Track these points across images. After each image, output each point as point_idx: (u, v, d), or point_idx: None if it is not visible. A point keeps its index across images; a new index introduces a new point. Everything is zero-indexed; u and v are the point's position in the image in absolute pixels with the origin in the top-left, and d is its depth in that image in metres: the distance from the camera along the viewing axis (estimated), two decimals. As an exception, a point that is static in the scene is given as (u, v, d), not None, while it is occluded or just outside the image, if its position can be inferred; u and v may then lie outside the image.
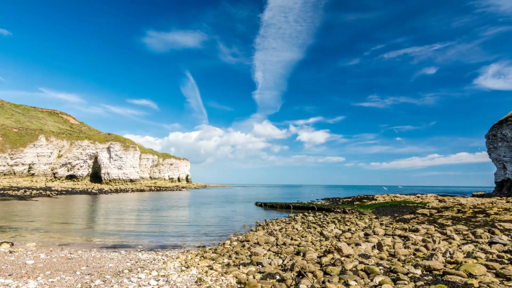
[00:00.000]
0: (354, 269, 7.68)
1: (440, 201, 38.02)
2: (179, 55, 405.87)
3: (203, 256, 10.43)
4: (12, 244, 11.91)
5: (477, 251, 9.35)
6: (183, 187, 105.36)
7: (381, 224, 18.57)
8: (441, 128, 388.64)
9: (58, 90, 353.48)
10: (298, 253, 10.43)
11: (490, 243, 10.66)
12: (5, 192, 46.52)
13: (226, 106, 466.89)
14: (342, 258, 8.60)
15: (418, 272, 7.32)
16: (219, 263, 9.32)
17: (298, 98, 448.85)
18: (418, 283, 6.45)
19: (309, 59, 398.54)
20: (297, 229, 17.09)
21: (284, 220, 21.74)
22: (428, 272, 7.40)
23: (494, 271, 7.14)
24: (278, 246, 11.94)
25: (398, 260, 8.96)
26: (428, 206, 30.81)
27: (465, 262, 7.75)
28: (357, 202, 38.88)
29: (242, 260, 9.69)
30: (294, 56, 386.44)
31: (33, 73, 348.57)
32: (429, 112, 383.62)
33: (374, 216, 23.85)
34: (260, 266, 8.82)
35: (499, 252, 9.30)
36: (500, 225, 14.42)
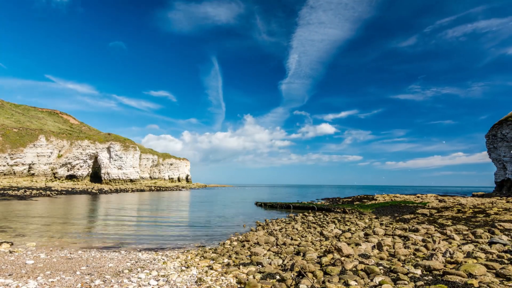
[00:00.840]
0: (354, 269, 7.68)
1: (440, 201, 38.01)
2: (207, 35, 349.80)
3: (203, 256, 10.43)
4: (12, 244, 11.90)
5: (477, 251, 9.35)
6: (183, 187, 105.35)
7: (381, 224, 18.56)
8: (485, 123, 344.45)
9: (67, 79, 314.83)
10: (298, 253, 10.43)
11: (490, 243, 10.66)
12: (5, 192, 46.51)
13: (247, 97, 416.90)
14: (342, 258, 8.60)
15: (418, 272, 7.31)
16: (219, 263, 9.32)
17: (331, 88, 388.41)
18: (418, 283, 6.45)
19: (358, 39, 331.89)
20: (297, 229, 17.09)
21: (284, 220, 21.74)
22: (428, 272, 7.40)
23: (494, 271, 7.14)
24: (278, 246, 11.94)
25: (398, 260, 8.96)
26: (428, 206, 30.79)
27: (465, 262, 7.75)
28: (357, 202, 38.88)
29: (242, 260, 9.69)
30: (342, 34, 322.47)
31: (37, 58, 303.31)
32: (474, 105, 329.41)
33: (374, 216, 23.84)
34: (260, 266, 8.82)
35: (499, 252, 9.30)
36: (500, 225, 14.41)
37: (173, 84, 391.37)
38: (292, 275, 7.39)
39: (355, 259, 8.87)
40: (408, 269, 7.46)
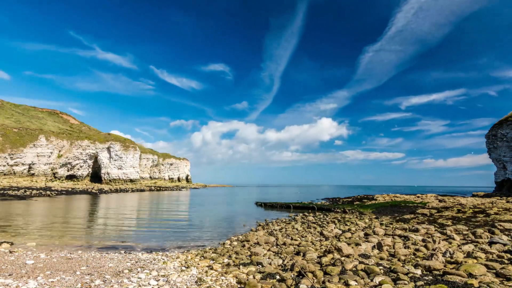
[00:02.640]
0: (354, 269, 7.68)
1: (440, 201, 38.00)
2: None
3: (203, 256, 10.43)
4: (12, 244, 11.90)
5: (477, 251, 9.35)
6: (183, 187, 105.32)
7: (381, 224, 18.55)
8: None
9: (97, 45, 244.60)
10: (298, 253, 10.42)
11: (490, 243, 10.66)
12: (5, 192, 46.49)
13: (312, 72, 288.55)
14: (342, 258, 8.59)
15: (418, 272, 7.31)
16: (219, 263, 9.31)
17: (433, 58, 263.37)
18: (418, 283, 6.44)
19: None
20: (297, 229, 17.08)
21: (284, 220, 21.73)
22: (428, 272, 7.40)
23: (494, 271, 7.13)
24: (278, 246, 11.94)
25: (398, 260, 8.96)
26: (428, 206, 30.78)
27: (465, 262, 7.74)
28: (357, 202, 38.87)
29: (242, 260, 9.68)
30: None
31: (63, 16, 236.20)
32: None
33: (374, 216, 23.84)
34: (260, 266, 8.82)
35: (499, 252, 9.30)
36: (500, 225, 14.41)
37: (234, 52, 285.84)
38: (292, 275, 7.39)
39: (355, 259, 8.87)
40: (408, 269, 7.46)
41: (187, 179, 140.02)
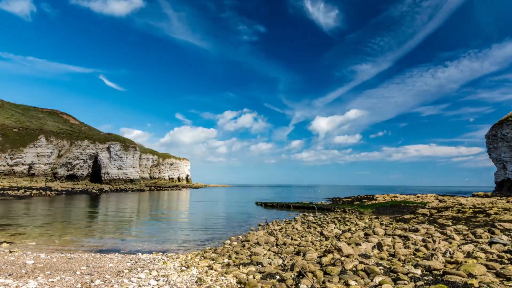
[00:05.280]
0: (354, 269, 7.68)
1: (440, 201, 37.99)
2: None
3: (203, 256, 10.43)
4: (12, 244, 11.91)
5: (477, 251, 9.34)
6: (183, 187, 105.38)
7: (381, 224, 18.55)
8: None
9: None
10: (298, 253, 10.42)
11: (490, 243, 10.66)
12: (5, 192, 46.50)
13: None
14: (342, 258, 8.59)
15: (418, 272, 7.31)
16: (219, 263, 9.31)
17: None
18: (418, 283, 6.44)
19: None
20: (297, 229, 17.08)
21: (284, 220, 21.74)
22: (428, 272, 7.40)
23: (494, 271, 7.13)
24: (278, 246, 11.94)
25: (398, 260, 8.95)
26: (428, 206, 30.78)
27: (465, 262, 7.74)
28: (357, 202, 38.88)
29: (242, 260, 9.68)
30: None
31: None
32: None
33: (374, 216, 23.84)
34: (260, 266, 8.82)
35: (499, 252, 9.30)
36: (500, 225, 14.40)
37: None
38: (292, 275, 7.39)
39: (355, 259, 8.87)
40: (408, 269, 7.46)
41: (187, 179, 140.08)
